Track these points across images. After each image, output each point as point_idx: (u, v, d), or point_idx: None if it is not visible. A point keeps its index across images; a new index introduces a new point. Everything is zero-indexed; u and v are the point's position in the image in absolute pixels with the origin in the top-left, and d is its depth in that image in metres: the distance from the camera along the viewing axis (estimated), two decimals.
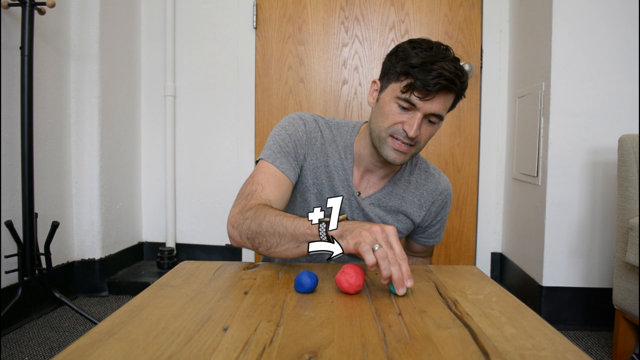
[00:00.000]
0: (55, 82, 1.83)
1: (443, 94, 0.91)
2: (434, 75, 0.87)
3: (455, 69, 0.90)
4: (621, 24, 1.63)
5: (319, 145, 1.04)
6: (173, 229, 2.31)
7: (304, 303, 0.68)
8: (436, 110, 0.92)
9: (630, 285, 1.35)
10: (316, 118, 1.07)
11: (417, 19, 2.15)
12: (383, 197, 1.07)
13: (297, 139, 1.02)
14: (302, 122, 1.04)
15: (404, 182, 1.09)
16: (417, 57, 0.89)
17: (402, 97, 0.92)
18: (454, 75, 0.89)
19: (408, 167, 1.10)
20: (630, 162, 1.37)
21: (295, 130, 1.02)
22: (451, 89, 0.90)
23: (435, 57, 0.89)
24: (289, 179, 1.00)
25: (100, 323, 0.59)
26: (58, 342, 1.50)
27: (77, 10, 1.91)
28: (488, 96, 2.16)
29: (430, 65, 0.88)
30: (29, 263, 1.52)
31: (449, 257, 2.21)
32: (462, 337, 0.56)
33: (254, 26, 2.20)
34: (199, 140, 2.30)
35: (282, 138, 1.02)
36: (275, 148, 1.01)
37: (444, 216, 1.16)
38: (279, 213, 0.88)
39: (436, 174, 1.13)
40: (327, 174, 1.05)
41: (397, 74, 0.93)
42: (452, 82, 0.89)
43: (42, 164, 1.76)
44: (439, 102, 0.91)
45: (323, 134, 1.06)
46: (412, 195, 1.09)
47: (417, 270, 0.89)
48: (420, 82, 0.88)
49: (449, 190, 1.14)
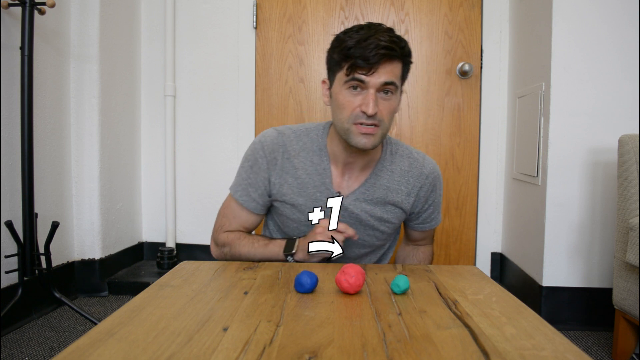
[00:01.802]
0: (55, 82, 1.83)
1: (386, 63, 0.92)
2: (371, 47, 0.89)
3: (390, 37, 0.92)
4: (621, 24, 1.63)
5: (280, 162, 1.06)
6: (173, 229, 2.31)
7: (304, 303, 0.68)
8: (386, 79, 0.93)
9: (630, 285, 1.35)
10: (281, 131, 1.08)
11: (417, 19, 2.15)
12: (367, 190, 1.06)
13: (257, 168, 1.07)
14: (261, 146, 1.07)
15: (386, 172, 1.08)
16: (351, 39, 0.92)
17: (348, 80, 0.94)
18: (391, 42, 0.91)
19: (388, 156, 1.09)
20: (630, 162, 1.37)
21: (255, 160, 1.07)
22: (392, 55, 0.92)
23: (367, 33, 0.92)
24: (251, 211, 1.09)
25: (100, 323, 0.59)
26: (58, 342, 1.50)
27: (77, 10, 1.91)
28: (488, 96, 2.16)
29: (364, 42, 0.90)
30: (29, 263, 1.52)
31: (449, 257, 2.21)
32: (462, 337, 0.56)
33: (254, 26, 2.20)
34: (199, 140, 2.30)
35: (245, 170, 1.09)
36: (240, 180, 1.09)
37: (435, 199, 1.14)
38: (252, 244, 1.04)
39: (420, 157, 1.11)
40: (297, 185, 1.06)
41: (338, 63, 0.96)
42: (390, 49, 0.91)
43: (42, 164, 1.76)
44: (386, 72, 0.92)
45: (288, 147, 1.06)
46: (398, 183, 1.08)
47: (417, 270, 0.89)
48: (360, 59, 0.90)
49: (436, 172, 1.12)
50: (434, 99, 2.17)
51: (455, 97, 2.16)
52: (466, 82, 2.16)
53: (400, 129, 2.19)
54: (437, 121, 2.17)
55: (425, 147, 2.18)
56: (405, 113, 2.18)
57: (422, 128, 2.18)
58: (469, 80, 2.15)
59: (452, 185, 2.18)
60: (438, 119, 2.17)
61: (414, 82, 2.17)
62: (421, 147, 2.17)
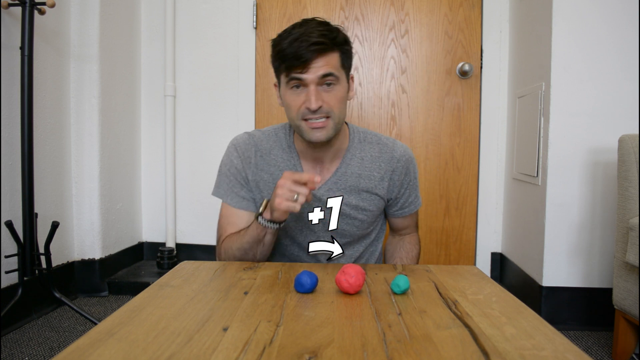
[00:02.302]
0: (55, 82, 1.83)
1: (320, 57, 0.94)
2: (302, 46, 0.92)
3: (319, 30, 0.94)
4: (621, 24, 1.63)
5: (254, 162, 1.10)
6: (173, 229, 2.31)
7: (304, 303, 0.68)
8: (323, 72, 0.95)
9: (630, 285, 1.35)
10: (251, 134, 1.13)
11: (417, 19, 2.15)
12: (338, 180, 1.08)
13: (235, 169, 1.10)
14: (234, 148, 1.11)
15: (356, 159, 1.09)
16: (285, 42, 0.95)
17: (288, 80, 0.97)
18: (320, 36, 0.93)
19: (357, 144, 1.11)
20: (630, 162, 1.37)
21: (231, 162, 1.11)
22: (324, 49, 0.94)
23: (298, 32, 0.94)
24: (244, 211, 1.10)
25: (100, 323, 0.59)
26: (58, 342, 1.50)
27: (77, 10, 1.91)
28: (488, 96, 2.16)
29: (295, 41, 0.93)
30: (29, 263, 1.52)
31: (449, 257, 2.21)
32: (462, 337, 0.56)
33: (254, 26, 2.20)
34: (199, 140, 2.30)
35: (225, 174, 1.12)
36: (224, 185, 1.12)
37: (410, 181, 1.14)
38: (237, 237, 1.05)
39: (389, 142, 1.13)
40: (272, 181, 1.09)
41: (278, 66, 0.99)
42: (319, 44, 0.93)
43: (42, 164, 1.76)
44: (320, 65, 0.94)
45: (258, 147, 1.10)
46: (370, 169, 1.09)
47: (417, 270, 0.90)
48: (293, 58, 0.93)
49: (407, 155, 1.13)
50: (434, 99, 2.17)
51: (455, 97, 2.16)
52: (466, 82, 2.16)
53: (400, 129, 2.19)
54: (437, 121, 2.17)
55: (425, 147, 2.18)
56: (405, 113, 2.18)
57: (422, 128, 2.18)
58: (469, 80, 2.15)
59: (452, 185, 2.18)
60: (438, 119, 2.17)
61: (414, 82, 2.17)
62: (421, 147, 2.18)
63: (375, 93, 2.19)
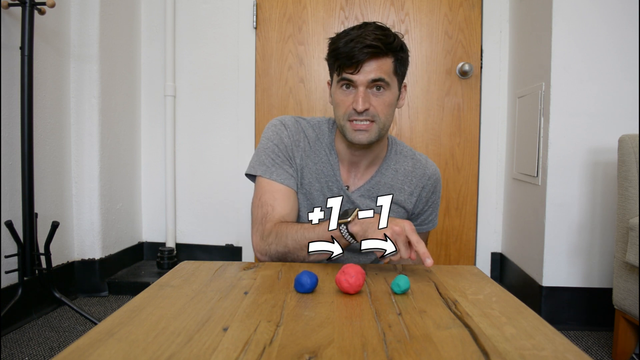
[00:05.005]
0: (55, 82, 1.83)
1: (373, 60, 0.94)
2: (357, 47, 0.92)
3: (376, 34, 0.93)
4: (621, 24, 1.63)
5: (302, 146, 1.08)
6: (173, 229, 2.31)
7: (304, 303, 0.68)
8: (373, 76, 0.94)
9: (630, 285, 1.35)
10: (297, 119, 1.10)
11: (417, 19, 2.15)
12: (371, 188, 1.09)
13: (284, 146, 1.06)
14: (284, 127, 1.07)
15: (391, 171, 1.10)
16: (341, 41, 0.95)
17: (340, 79, 0.97)
18: (375, 40, 0.92)
19: (393, 156, 1.11)
20: (630, 162, 1.37)
21: (280, 138, 1.06)
22: (377, 53, 0.93)
23: (356, 33, 0.94)
24: (291, 189, 1.05)
25: (100, 323, 0.59)
26: (58, 342, 1.50)
27: (77, 10, 1.91)
28: (488, 96, 2.16)
29: (351, 42, 0.93)
30: (29, 263, 1.52)
31: (449, 257, 2.21)
32: (462, 337, 0.56)
33: (254, 26, 2.20)
34: (199, 140, 2.30)
35: (271, 150, 1.06)
36: (269, 162, 1.05)
37: (435, 200, 1.16)
38: (298, 228, 0.95)
39: (423, 159, 1.14)
40: (315, 172, 1.07)
41: (332, 64, 1.00)
42: (374, 47, 0.92)
43: (42, 164, 1.76)
44: (372, 69, 0.94)
45: (306, 133, 1.09)
46: (402, 183, 1.10)
47: (417, 270, 0.89)
48: (345, 59, 0.93)
49: (437, 175, 1.15)
50: (434, 99, 2.17)
51: (455, 97, 2.16)
52: (466, 82, 2.16)
53: (400, 129, 2.19)
54: (437, 121, 2.17)
55: (425, 147, 2.18)
56: (405, 113, 2.18)
57: (422, 128, 2.18)
58: (469, 80, 2.15)
59: (452, 185, 2.18)
60: (438, 119, 2.17)
61: (414, 82, 2.17)
62: (421, 147, 2.18)
63: None
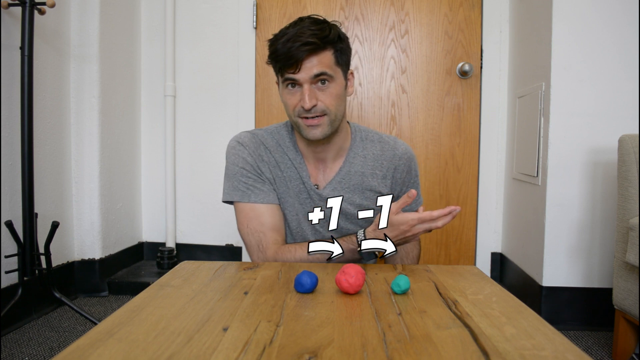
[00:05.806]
0: (55, 82, 1.83)
1: (313, 56, 0.94)
2: (295, 46, 0.92)
3: (311, 30, 0.94)
4: (621, 24, 1.63)
5: (266, 159, 1.08)
6: (173, 229, 2.31)
7: (304, 303, 0.68)
8: (316, 71, 0.95)
9: (630, 285, 1.35)
10: (253, 133, 1.10)
11: (417, 19, 2.15)
12: (342, 180, 1.08)
13: (250, 166, 1.06)
14: (242, 146, 1.07)
15: (359, 158, 1.09)
16: (279, 42, 0.95)
17: (284, 80, 0.97)
18: (311, 36, 0.92)
19: (359, 143, 1.11)
20: (630, 162, 1.37)
21: (243, 159, 1.06)
22: (315, 48, 0.94)
23: (292, 33, 0.94)
24: (273, 204, 1.06)
25: (100, 323, 0.59)
26: (58, 342, 1.50)
27: (77, 10, 1.91)
28: (488, 96, 2.16)
29: (287, 42, 0.93)
30: (29, 263, 1.51)
31: (449, 257, 2.21)
32: (462, 337, 0.56)
33: (254, 26, 2.20)
34: (199, 140, 2.30)
35: (240, 174, 1.05)
36: (242, 186, 1.05)
37: (412, 179, 1.13)
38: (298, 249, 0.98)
39: (391, 141, 1.13)
40: (284, 178, 1.07)
41: (274, 67, 1.00)
42: (311, 43, 0.92)
43: (42, 164, 1.76)
44: (313, 65, 0.94)
45: (266, 144, 1.08)
46: (372, 168, 1.09)
47: (417, 270, 0.89)
48: (284, 60, 0.94)
49: (409, 154, 1.13)
50: (434, 99, 2.17)
51: (455, 97, 2.16)
52: (466, 82, 2.16)
53: (400, 129, 2.19)
54: (437, 121, 2.17)
55: (425, 147, 2.18)
56: (405, 113, 2.18)
57: (422, 128, 2.18)
58: (469, 80, 2.15)
59: (452, 185, 2.18)
60: (438, 119, 2.17)
61: (414, 82, 2.17)
62: (421, 147, 2.18)
63: (375, 93, 2.19)
